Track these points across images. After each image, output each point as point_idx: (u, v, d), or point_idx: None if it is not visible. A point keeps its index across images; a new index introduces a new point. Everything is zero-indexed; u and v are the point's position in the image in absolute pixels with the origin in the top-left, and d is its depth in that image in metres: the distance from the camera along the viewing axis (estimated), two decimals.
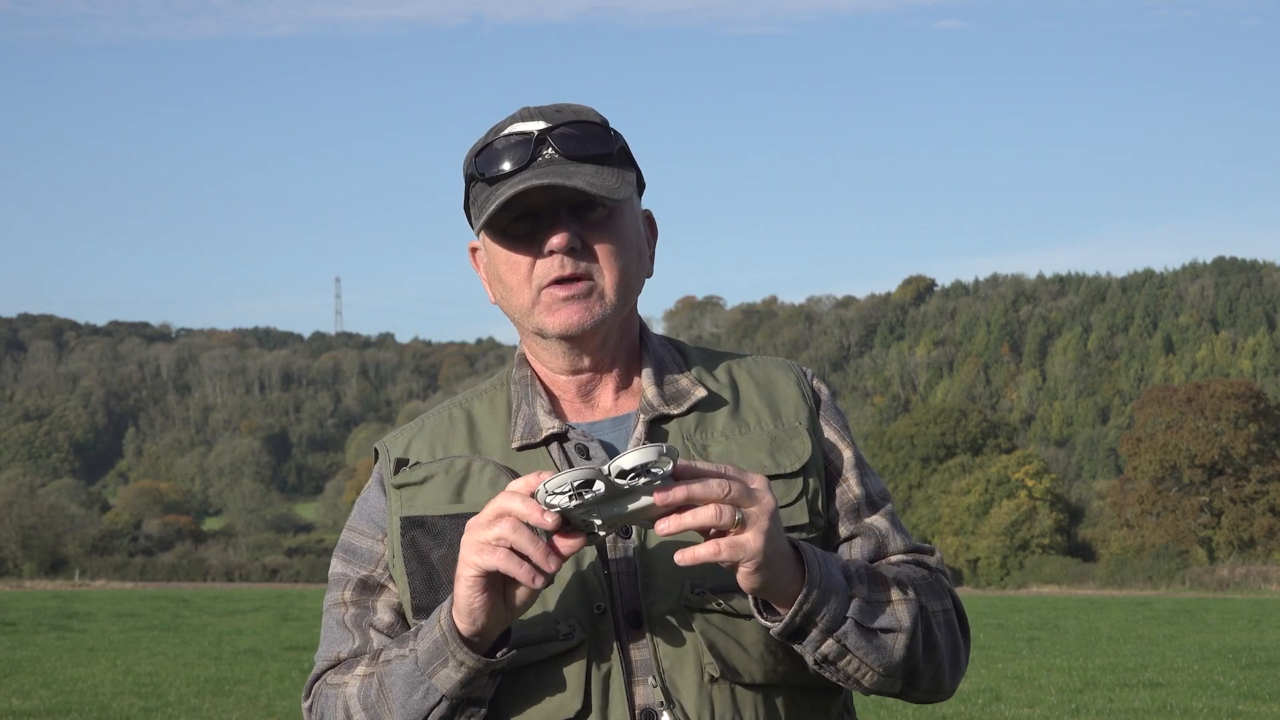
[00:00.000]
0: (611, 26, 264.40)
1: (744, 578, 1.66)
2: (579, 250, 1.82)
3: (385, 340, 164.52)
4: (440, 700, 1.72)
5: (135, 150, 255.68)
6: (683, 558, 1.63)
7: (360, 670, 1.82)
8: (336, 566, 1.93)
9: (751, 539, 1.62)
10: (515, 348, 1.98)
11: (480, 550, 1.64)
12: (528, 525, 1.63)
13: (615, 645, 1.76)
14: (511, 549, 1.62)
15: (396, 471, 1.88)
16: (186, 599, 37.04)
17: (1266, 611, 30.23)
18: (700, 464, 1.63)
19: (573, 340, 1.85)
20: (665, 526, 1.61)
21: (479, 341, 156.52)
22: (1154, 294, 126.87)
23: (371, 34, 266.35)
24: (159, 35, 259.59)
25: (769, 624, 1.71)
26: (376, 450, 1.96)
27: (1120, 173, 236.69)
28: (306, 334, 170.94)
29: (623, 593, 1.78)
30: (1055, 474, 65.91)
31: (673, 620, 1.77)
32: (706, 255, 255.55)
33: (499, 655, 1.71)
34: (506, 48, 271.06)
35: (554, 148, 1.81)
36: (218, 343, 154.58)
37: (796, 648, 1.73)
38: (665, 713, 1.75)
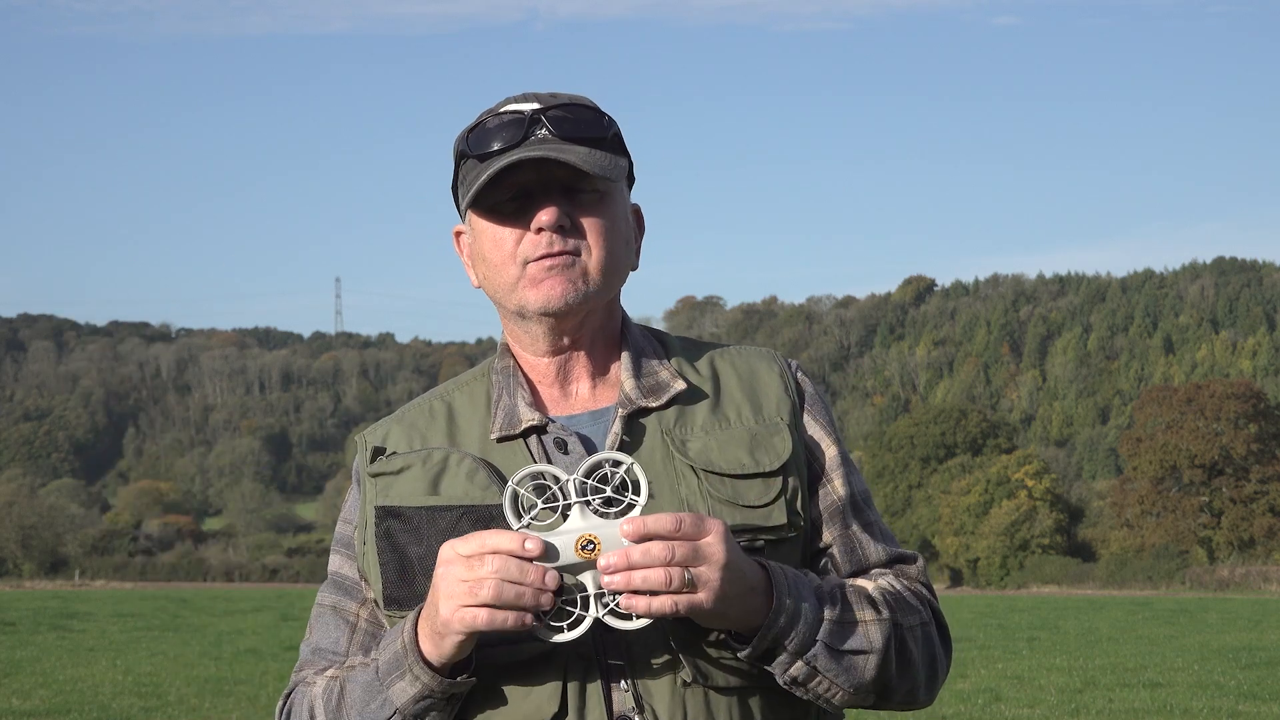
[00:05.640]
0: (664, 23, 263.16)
1: (703, 622, 1.68)
2: (568, 228, 1.81)
3: (385, 340, 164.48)
4: (394, 714, 1.72)
5: (135, 150, 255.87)
6: (635, 605, 1.62)
7: (330, 672, 1.83)
8: (335, 563, 1.93)
9: (704, 598, 1.62)
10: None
11: (469, 595, 1.63)
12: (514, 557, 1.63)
13: (593, 648, 1.75)
14: (502, 581, 1.62)
15: (373, 460, 1.87)
16: (186, 599, 37.03)
17: (1266, 611, 30.21)
18: (652, 521, 1.62)
19: (554, 317, 1.83)
20: (613, 583, 1.61)
21: (479, 341, 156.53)
22: (1154, 294, 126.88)
23: (418, 32, 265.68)
24: (160, 34, 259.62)
25: (738, 648, 1.71)
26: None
27: (1120, 173, 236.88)
28: (306, 334, 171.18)
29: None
30: (1055, 474, 65.92)
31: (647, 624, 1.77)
32: (706, 255, 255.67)
33: (459, 679, 1.71)
34: (558, 45, 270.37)
35: (548, 128, 1.81)
36: (218, 343, 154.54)
37: (767, 668, 1.73)
38: (636, 717, 1.73)
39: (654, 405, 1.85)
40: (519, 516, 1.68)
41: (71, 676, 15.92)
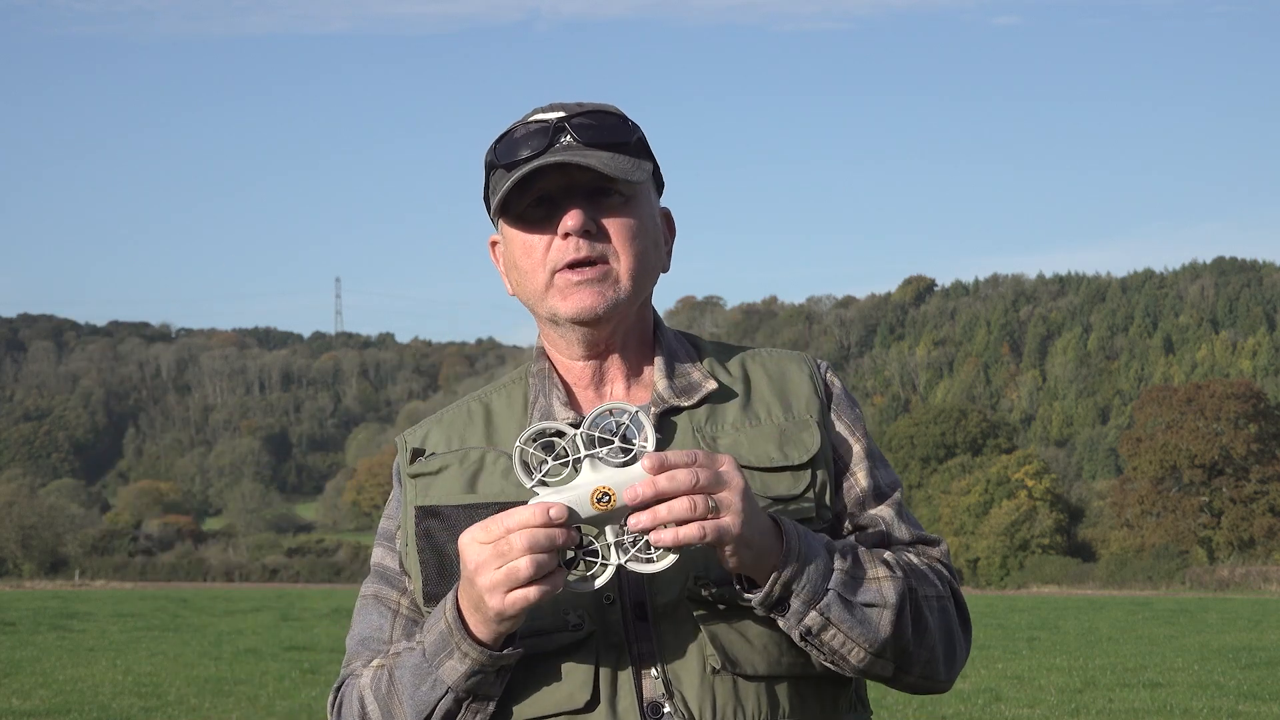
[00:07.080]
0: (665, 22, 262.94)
1: (728, 559, 1.69)
2: (594, 233, 1.85)
3: (385, 340, 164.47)
4: (446, 693, 1.74)
5: (135, 150, 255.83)
6: (662, 538, 1.64)
7: (376, 661, 1.85)
8: (378, 555, 1.97)
9: (730, 522, 1.65)
10: (515, 347, 2.02)
11: (509, 580, 1.64)
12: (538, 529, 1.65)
13: (623, 637, 1.78)
14: (536, 556, 1.63)
15: (412, 461, 1.92)
16: (186, 599, 37.01)
17: (1266, 611, 30.20)
18: (670, 454, 1.65)
19: (586, 325, 1.87)
20: (639, 521, 1.64)
21: (479, 341, 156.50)
22: (1154, 294, 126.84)
23: (419, 32, 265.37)
24: (160, 34, 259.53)
25: (750, 596, 1.73)
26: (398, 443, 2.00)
27: (1120, 173, 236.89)
28: (306, 334, 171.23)
29: (630, 584, 1.80)
30: (1055, 474, 65.88)
31: (677, 612, 1.78)
32: (706, 255, 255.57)
33: (506, 651, 1.73)
34: (559, 45, 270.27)
35: (572, 135, 1.85)
36: (218, 343, 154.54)
37: (780, 623, 1.74)
38: (666, 704, 1.76)
39: (686, 404, 1.90)
40: (530, 475, 1.71)
41: (71, 676, 15.92)
